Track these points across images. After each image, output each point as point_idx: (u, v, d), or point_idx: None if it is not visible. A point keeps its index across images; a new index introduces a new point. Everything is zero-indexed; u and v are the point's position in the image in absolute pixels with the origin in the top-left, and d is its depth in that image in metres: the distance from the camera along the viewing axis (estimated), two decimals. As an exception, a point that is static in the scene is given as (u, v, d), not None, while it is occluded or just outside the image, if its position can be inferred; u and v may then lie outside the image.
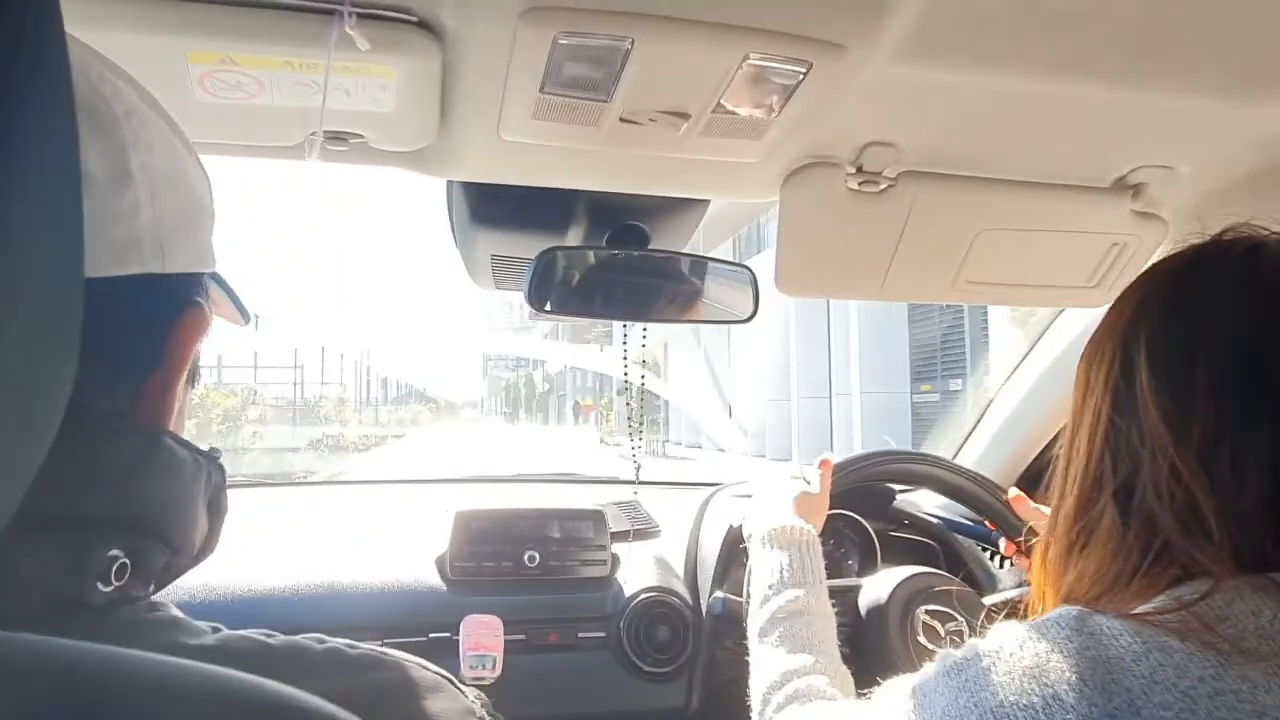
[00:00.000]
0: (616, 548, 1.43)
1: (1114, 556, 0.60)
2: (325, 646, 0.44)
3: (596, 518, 1.42)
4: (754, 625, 0.96)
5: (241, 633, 0.43)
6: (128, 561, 0.40)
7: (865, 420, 11.58)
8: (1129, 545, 0.60)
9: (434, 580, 1.33)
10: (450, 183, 1.11)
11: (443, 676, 0.47)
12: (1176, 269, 0.66)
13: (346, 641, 0.45)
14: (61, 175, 0.27)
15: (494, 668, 1.24)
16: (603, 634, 1.33)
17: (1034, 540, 0.73)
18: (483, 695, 0.51)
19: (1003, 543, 1.29)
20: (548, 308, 1.06)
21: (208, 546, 0.49)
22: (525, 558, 1.36)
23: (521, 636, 1.29)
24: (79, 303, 0.27)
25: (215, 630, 0.43)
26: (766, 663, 0.90)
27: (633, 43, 0.73)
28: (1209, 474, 0.57)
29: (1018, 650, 0.55)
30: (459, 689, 0.48)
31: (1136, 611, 0.55)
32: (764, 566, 0.99)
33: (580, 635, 1.33)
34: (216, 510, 0.49)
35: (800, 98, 0.81)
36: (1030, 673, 0.54)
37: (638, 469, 1.47)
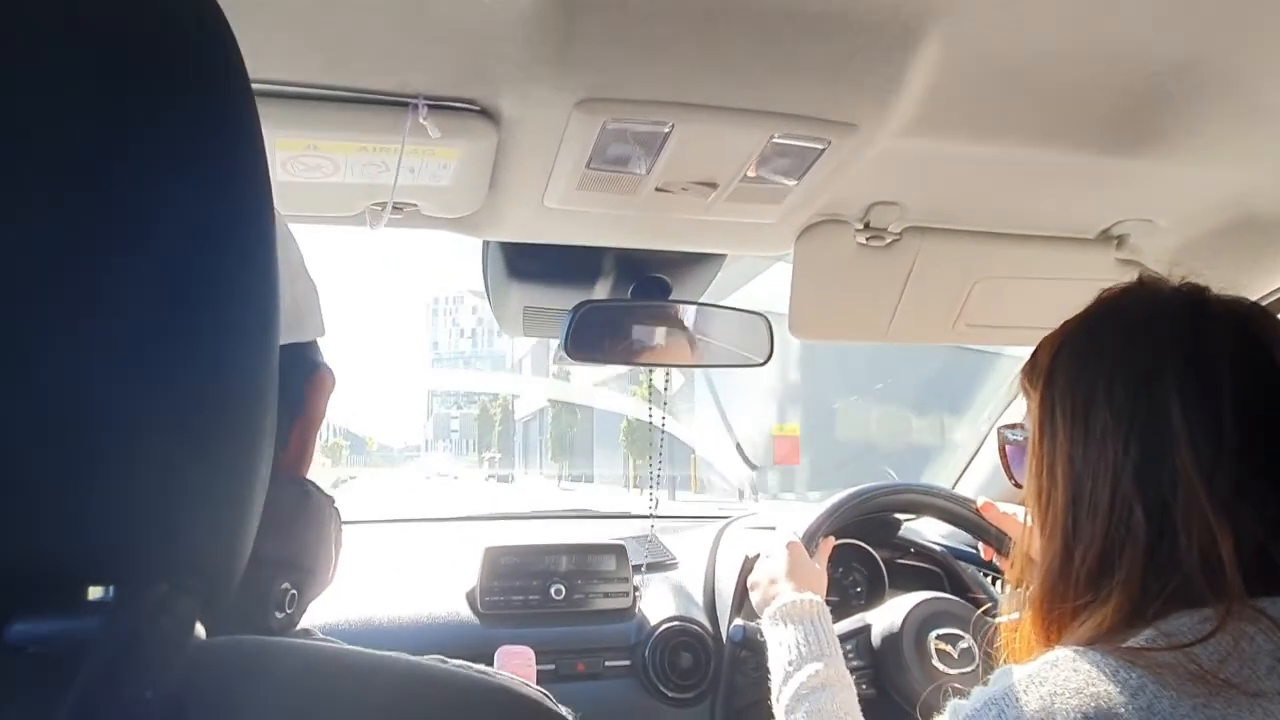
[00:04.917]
0: (637, 579, 1.50)
1: (1132, 599, 0.61)
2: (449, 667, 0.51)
3: (619, 552, 1.48)
4: (779, 703, 0.98)
5: (376, 653, 0.50)
6: (295, 592, 0.48)
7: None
8: (1149, 588, 0.61)
9: (466, 613, 1.39)
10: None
11: (543, 693, 0.54)
12: (1177, 315, 0.67)
13: (459, 662, 0.52)
14: (264, 272, 0.35)
15: None
16: (628, 662, 1.39)
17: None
18: (570, 711, 0.58)
19: (981, 547, 1.35)
20: (584, 356, 1.15)
21: (333, 578, 0.56)
22: (551, 591, 1.42)
23: (551, 666, 1.35)
24: (275, 373, 0.36)
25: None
26: None
27: (672, 127, 0.82)
28: (1231, 513, 0.59)
29: (1023, 695, 0.58)
30: (555, 706, 0.54)
31: (1128, 645, 0.58)
32: (780, 644, 1.03)
33: (607, 664, 1.38)
34: (338, 546, 0.56)
35: (817, 169, 0.91)
36: (1037, 717, 0.57)
37: (655, 504, 1.54)
